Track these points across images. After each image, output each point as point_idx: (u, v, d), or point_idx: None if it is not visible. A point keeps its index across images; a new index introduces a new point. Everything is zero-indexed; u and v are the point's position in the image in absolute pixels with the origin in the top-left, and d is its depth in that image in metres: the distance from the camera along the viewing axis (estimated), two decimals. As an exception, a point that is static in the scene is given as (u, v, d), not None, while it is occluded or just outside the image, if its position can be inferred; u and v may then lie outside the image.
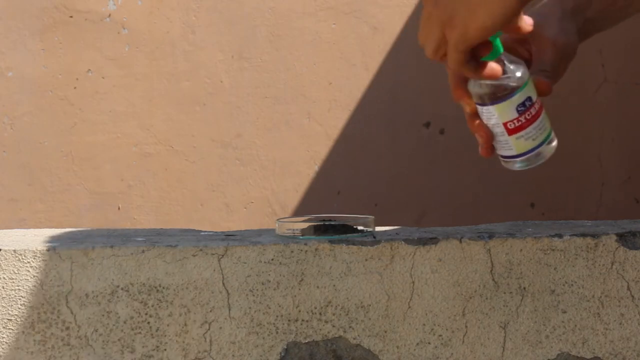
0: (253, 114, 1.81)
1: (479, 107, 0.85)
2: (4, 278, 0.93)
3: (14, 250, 0.94)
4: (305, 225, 0.98)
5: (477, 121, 0.87)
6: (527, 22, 0.81)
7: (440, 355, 0.96)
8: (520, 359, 0.97)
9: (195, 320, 0.94)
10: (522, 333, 0.97)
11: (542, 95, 0.86)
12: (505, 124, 0.84)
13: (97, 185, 1.79)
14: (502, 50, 0.80)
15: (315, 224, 0.98)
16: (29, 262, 0.93)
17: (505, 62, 0.81)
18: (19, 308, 0.93)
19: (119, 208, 1.80)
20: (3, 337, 0.93)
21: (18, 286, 0.93)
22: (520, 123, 0.83)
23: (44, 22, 1.79)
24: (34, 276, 0.93)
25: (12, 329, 0.93)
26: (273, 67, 1.78)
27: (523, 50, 0.90)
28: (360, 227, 0.98)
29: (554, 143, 0.88)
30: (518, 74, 0.82)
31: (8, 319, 0.93)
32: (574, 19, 0.91)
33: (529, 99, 0.82)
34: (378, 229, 1.07)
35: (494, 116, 0.84)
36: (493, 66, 0.81)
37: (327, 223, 0.98)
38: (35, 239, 1.02)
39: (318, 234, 0.97)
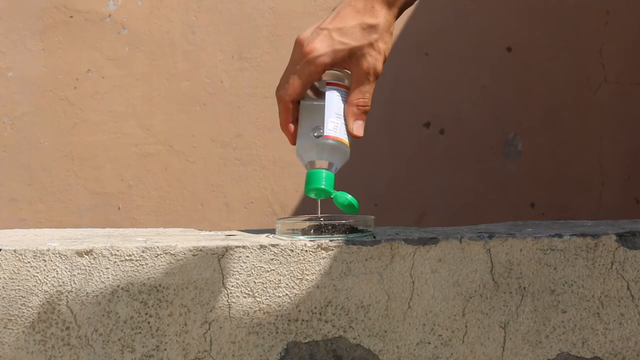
0: (253, 114, 1.81)
1: None
2: (4, 278, 0.93)
3: (14, 250, 0.94)
4: (305, 225, 0.98)
5: None
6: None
7: (440, 355, 0.96)
8: (520, 358, 0.97)
9: (195, 320, 0.94)
10: (522, 333, 0.97)
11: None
12: None
13: (97, 185, 1.79)
14: (332, 191, 0.97)
15: (315, 223, 0.98)
16: (29, 262, 0.93)
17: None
18: (19, 308, 0.93)
19: (119, 208, 1.80)
20: (3, 337, 0.93)
21: (18, 286, 0.93)
22: None
23: (44, 22, 1.79)
24: (34, 276, 0.93)
25: (12, 329, 0.93)
26: (273, 67, 1.78)
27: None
28: (360, 227, 0.98)
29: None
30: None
31: (8, 319, 0.93)
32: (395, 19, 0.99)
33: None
34: (378, 229, 1.07)
35: None
36: None
37: (327, 223, 0.98)
38: (35, 239, 1.02)
39: (318, 234, 0.97)
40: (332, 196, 0.97)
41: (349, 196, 0.96)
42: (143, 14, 1.79)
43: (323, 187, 0.96)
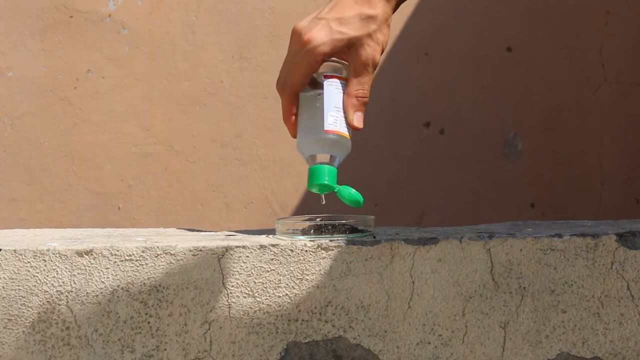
0: (253, 114, 1.81)
1: None
2: (4, 278, 0.93)
3: (14, 250, 0.94)
4: (305, 225, 0.98)
5: None
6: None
7: (440, 355, 0.96)
8: (520, 359, 0.97)
9: (195, 320, 0.94)
10: (522, 333, 0.97)
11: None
12: None
13: (97, 185, 1.79)
14: (335, 185, 0.97)
15: (315, 224, 0.98)
16: (29, 262, 0.93)
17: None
18: (19, 308, 0.93)
19: (119, 208, 1.80)
20: (3, 337, 0.93)
21: (18, 286, 0.93)
22: None
23: (44, 22, 1.79)
24: (34, 276, 0.93)
25: (12, 329, 0.93)
26: (273, 67, 1.78)
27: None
28: (360, 227, 0.98)
29: None
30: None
31: (8, 319, 0.93)
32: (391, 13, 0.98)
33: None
34: (378, 229, 1.07)
35: None
36: None
37: (327, 223, 0.98)
38: (35, 239, 1.02)
39: (318, 234, 0.96)
40: (335, 190, 0.97)
41: (353, 190, 0.96)
42: (143, 14, 1.79)
43: (326, 182, 0.96)
